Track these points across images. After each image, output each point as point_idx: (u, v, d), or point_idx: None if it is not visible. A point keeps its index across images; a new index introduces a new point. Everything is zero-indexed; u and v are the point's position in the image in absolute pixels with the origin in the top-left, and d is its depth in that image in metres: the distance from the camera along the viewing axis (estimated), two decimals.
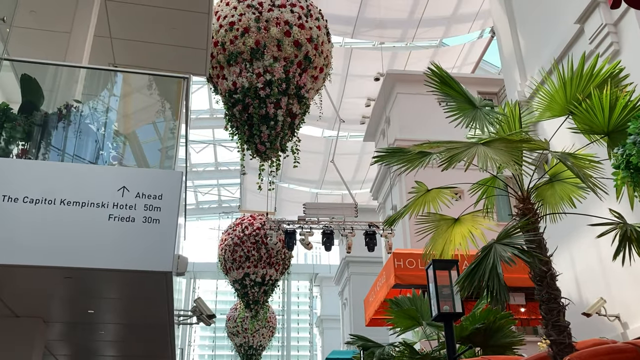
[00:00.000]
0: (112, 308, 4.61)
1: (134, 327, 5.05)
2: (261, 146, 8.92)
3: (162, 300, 4.22)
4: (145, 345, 5.58)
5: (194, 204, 33.44)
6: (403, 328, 7.29)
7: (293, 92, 9.00)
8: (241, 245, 16.88)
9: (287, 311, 35.04)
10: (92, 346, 5.83)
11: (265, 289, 17.27)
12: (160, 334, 5.15)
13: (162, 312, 4.45)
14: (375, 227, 13.53)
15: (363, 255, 24.27)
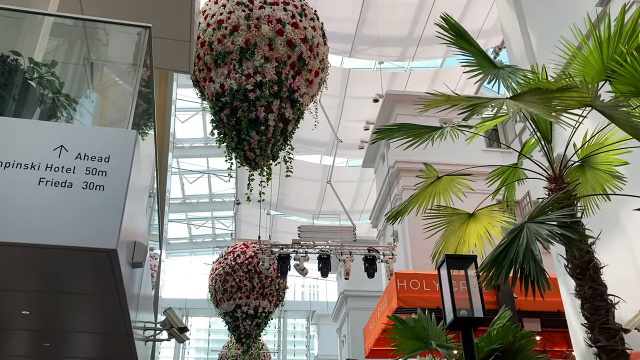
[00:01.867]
0: (39, 305, 3.63)
1: (74, 339, 4.16)
2: (250, 153, 8.16)
3: (111, 297, 3.37)
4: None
5: (187, 237, 32.48)
6: (408, 351, 6.35)
7: (286, 96, 8.30)
8: (232, 275, 15.92)
9: (282, 351, 33.57)
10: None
11: (258, 322, 16.21)
12: (115, 350, 4.28)
13: (113, 314, 3.60)
14: (375, 251, 12.65)
15: (362, 289, 23.34)
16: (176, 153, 24.74)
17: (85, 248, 2.84)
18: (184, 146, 24.51)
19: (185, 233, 32.22)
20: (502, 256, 3.18)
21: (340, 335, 25.09)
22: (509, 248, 3.16)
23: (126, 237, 3.19)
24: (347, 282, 23.97)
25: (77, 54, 4.03)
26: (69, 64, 3.84)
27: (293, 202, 23.59)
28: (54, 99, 3.42)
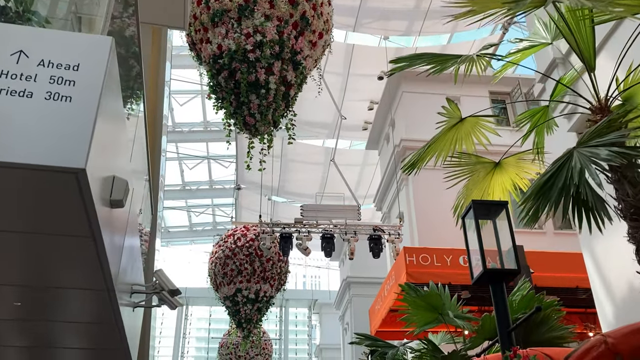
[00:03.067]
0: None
1: (47, 296, 3.65)
2: (250, 118, 7.64)
3: (86, 241, 2.87)
4: (73, 329, 4.18)
5: (187, 225, 32.02)
6: (422, 323, 5.85)
7: (287, 57, 7.78)
8: (233, 258, 15.43)
9: (284, 340, 33.18)
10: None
11: (259, 307, 15.73)
12: (95, 310, 3.79)
13: (90, 263, 3.09)
14: (381, 231, 12.15)
15: (365, 275, 22.88)
16: (175, 137, 24.24)
17: (45, 167, 2.34)
18: (182, 130, 24.00)
19: (185, 221, 31.76)
20: (548, 185, 2.68)
21: (342, 323, 24.64)
22: (557, 176, 2.66)
23: (100, 165, 2.68)
24: (350, 269, 23.49)
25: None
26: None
27: (295, 188, 23.08)
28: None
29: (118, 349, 4.61)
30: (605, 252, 5.97)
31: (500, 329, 3.24)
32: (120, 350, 4.66)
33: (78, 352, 4.76)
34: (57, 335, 4.31)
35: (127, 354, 4.76)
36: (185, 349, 32.82)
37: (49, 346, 4.56)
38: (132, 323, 4.81)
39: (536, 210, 2.77)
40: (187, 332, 33.17)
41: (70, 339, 4.43)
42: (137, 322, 5.09)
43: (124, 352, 4.73)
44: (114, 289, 3.48)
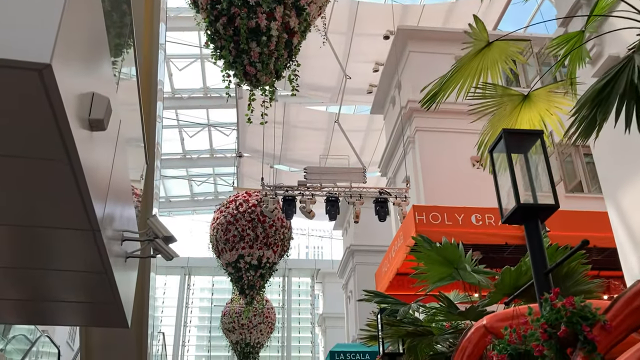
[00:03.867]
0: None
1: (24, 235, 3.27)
2: (250, 67, 7.18)
3: (61, 166, 2.47)
4: (59, 278, 3.81)
5: (189, 195, 31.73)
6: (435, 279, 5.50)
7: (290, 2, 7.29)
8: (235, 224, 15.13)
9: (287, 309, 33.18)
10: None
11: (262, 273, 15.47)
12: (81, 256, 3.41)
13: (69, 195, 2.69)
14: (387, 194, 11.77)
15: (369, 244, 22.62)
16: (174, 104, 23.75)
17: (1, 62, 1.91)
18: (182, 97, 23.51)
19: (186, 191, 31.46)
20: (607, 91, 2.28)
21: (346, 292, 24.49)
22: (616, 81, 2.25)
23: (73, 71, 2.26)
24: (354, 237, 23.22)
25: None
26: None
27: (297, 155, 22.65)
28: None
29: (110, 303, 4.25)
30: (632, 205, 5.57)
31: (536, 271, 2.86)
32: (113, 305, 4.31)
33: (67, 305, 4.41)
34: (43, 285, 3.95)
35: (119, 309, 4.41)
36: (188, 319, 32.86)
37: (35, 299, 4.21)
38: (126, 276, 4.45)
39: (593, 120, 2.36)
40: (190, 301, 33.17)
41: (57, 290, 4.07)
42: (131, 276, 4.73)
43: (117, 307, 4.38)
44: (99, 230, 3.09)
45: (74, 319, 4.84)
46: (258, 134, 18.01)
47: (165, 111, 23.87)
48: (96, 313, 4.58)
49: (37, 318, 4.88)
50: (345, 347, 16.92)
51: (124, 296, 4.40)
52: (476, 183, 12.37)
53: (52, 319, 4.93)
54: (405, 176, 13.35)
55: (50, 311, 4.60)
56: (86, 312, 4.59)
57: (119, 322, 4.66)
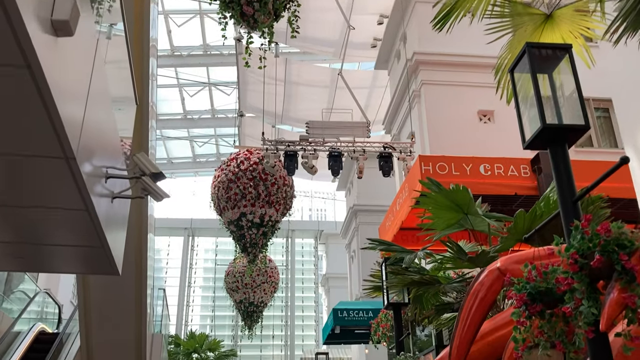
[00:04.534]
0: None
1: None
2: (248, 7, 6.73)
3: (23, 79, 2.16)
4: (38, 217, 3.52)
5: (191, 157, 31.43)
6: (443, 225, 5.21)
7: None
8: (236, 182, 14.84)
9: (291, 270, 33.29)
10: None
11: (264, 231, 15.26)
12: (57, 190, 3.12)
13: (37, 115, 2.38)
14: (391, 148, 11.43)
15: (372, 203, 22.40)
16: (174, 62, 23.21)
17: None
18: (182, 54, 22.94)
19: (188, 152, 31.15)
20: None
21: (349, 251, 24.42)
22: None
23: None
24: (357, 197, 22.99)
25: None
26: None
27: (300, 114, 22.18)
28: None
29: (97, 247, 3.99)
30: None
31: (563, 200, 2.54)
32: (100, 250, 4.05)
33: (53, 250, 4.15)
34: (24, 224, 3.67)
35: (108, 254, 4.15)
36: (192, 279, 33.02)
37: (18, 241, 3.93)
38: (114, 220, 4.17)
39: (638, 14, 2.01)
40: (194, 262, 33.28)
41: (40, 231, 3.80)
42: (119, 220, 4.44)
43: (104, 252, 4.12)
44: (73, 157, 2.79)
45: (62, 264, 4.59)
46: (260, 93, 17.55)
47: (164, 69, 23.35)
48: (84, 258, 4.32)
49: (24, 264, 4.63)
50: (348, 304, 16.86)
51: (113, 241, 4.13)
52: (483, 137, 12.00)
53: (40, 265, 4.69)
54: (410, 132, 12.96)
55: (36, 256, 4.34)
56: (73, 257, 4.33)
57: (108, 268, 4.41)
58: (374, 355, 18.00)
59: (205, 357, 23.02)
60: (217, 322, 32.05)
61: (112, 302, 8.88)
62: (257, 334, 23.05)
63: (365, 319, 15.47)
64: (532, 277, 2.79)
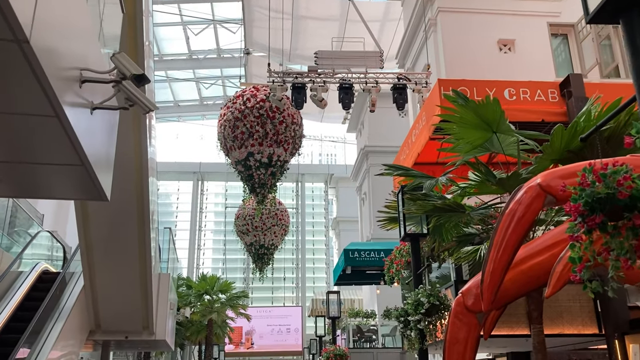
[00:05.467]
0: None
1: None
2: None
3: None
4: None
5: (198, 99, 30.77)
6: (468, 148, 4.67)
7: None
8: (243, 120, 14.23)
9: (301, 214, 33.14)
10: None
11: (273, 171, 14.78)
12: (18, 91, 2.61)
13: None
14: (406, 79, 10.75)
15: (384, 144, 21.80)
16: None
17: None
18: None
19: (195, 94, 30.48)
20: None
21: (360, 194, 24.04)
22: None
23: None
24: (368, 138, 22.39)
25: None
26: None
27: (308, 52, 21.29)
28: None
29: (76, 166, 3.50)
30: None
31: (637, 78, 1.98)
32: (81, 169, 3.56)
33: (28, 169, 3.68)
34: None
35: (93, 177, 3.67)
36: (203, 223, 33.02)
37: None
38: (96, 136, 3.67)
39: None
40: (204, 207, 33.19)
41: (11, 147, 3.32)
42: (104, 140, 3.94)
43: (87, 174, 3.64)
44: (26, 40, 2.25)
45: (43, 187, 4.13)
46: (267, 30, 16.66)
47: (166, 5, 22.41)
48: (67, 180, 3.85)
49: (3, 188, 4.18)
50: (359, 245, 16.60)
51: (97, 160, 3.64)
52: (503, 69, 11.25)
53: (20, 188, 4.23)
54: (426, 63, 12.22)
55: (15, 177, 3.88)
56: (55, 178, 3.86)
57: (94, 192, 3.94)
58: (386, 296, 17.89)
59: (216, 299, 23.13)
60: (229, 265, 32.24)
61: (114, 242, 8.57)
62: (268, 277, 23.02)
63: (377, 259, 15.21)
64: (588, 183, 2.28)
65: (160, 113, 31.18)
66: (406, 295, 5.18)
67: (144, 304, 9.32)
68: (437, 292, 4.81)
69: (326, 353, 11.86)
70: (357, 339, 15.80)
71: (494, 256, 3.08)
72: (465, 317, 3.51)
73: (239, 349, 28.16)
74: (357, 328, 16.11)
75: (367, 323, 16.74)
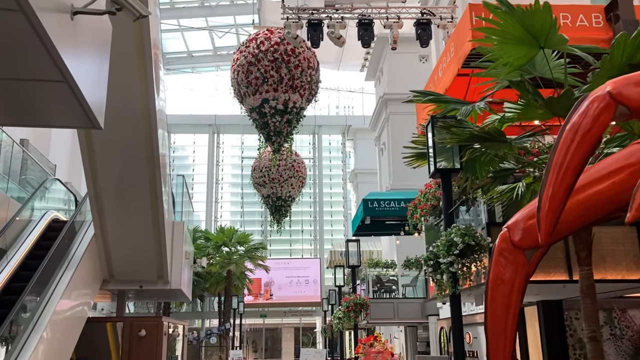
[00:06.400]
0: None
1: None
2: None
3: None
4: None
5: (211, 50, 30.00)
6: (509, 69, 4.07)
7: None
8: (256, 65, 13.59)
9: (318, 166, 32.67)
10: None
11: (289, 118, 14.22)
12: None
13: None
14: (430, 14, 9.99)
15: (404, 92, 20.95)
16: None
17: None
18: None
19: (208, 44, 29.69)
20: None
21: (379, 144, 23.43)
22: None
23: None
24: (387, 85, 21.60)
25: None
26: None
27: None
28: None
29: (57, 82, 3.02)
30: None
31: None
32: (63, 87, 3.08)
33: (8, 86, 3.21)
34: None
35: (79, 97, 3.19)
36: (220, 177, 32.79)
37: None
38: (80, 47, 3.16)
39: None
40: (221, 160, 32.87)
41: None
42: (93, 53, 3.43)
43: (72, 93, 3.16)
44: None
45: (25, 112, 3.67)
46: None
47: None
48: (50, 101, 3.38)
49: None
50: (379, 194, 16.15)
51: (84, 77, 3.15)
52: None
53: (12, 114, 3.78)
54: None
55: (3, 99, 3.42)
56: (41, 99, 3.39)
57: (83, 118, 3.47)
58: (405, 247, 17.53)
59: (235, 251, 23.08)
60: (247, 218, 32.15)
61: (124, 189, 8.21)
62: (286, 229, 22.82)
63: (397, 209, 14.76)
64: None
65: (173, 64, 30.53)
66: (437, 238, 4.70)
67: (158, 252, 9.03)
68: (472, 231, 4.34)
69: (346, 302, 11.60)
70: (376, 290, 15.55)
71: (554, 178, 2.56)
72: (511, 255, 3.02)
73: (258, 300, 28.34)
74: (377, 278, 15.84)
75: (387, 273, 16.45)
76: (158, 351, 8.95)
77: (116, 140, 7.71)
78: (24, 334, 6.25)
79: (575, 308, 8.03)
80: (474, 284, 5.84)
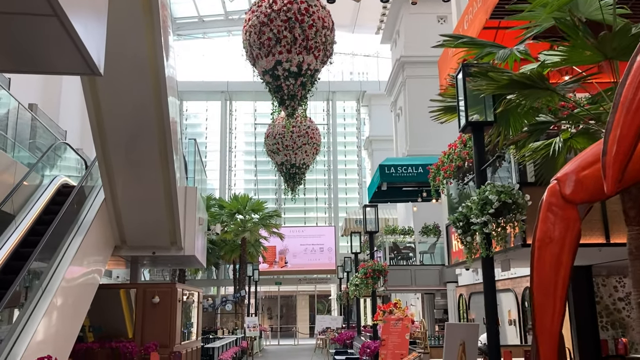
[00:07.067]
0: None
1: None
2: None
3: None
4: None
5: (223, 14, 29.36)
6: (549, 9, 3.64)
7: None
8: (269, 25, 13.05)
9: (332, 134, 32.21)
10: None
11: (303, 81, 13.75)
12: None
13: None
14: None
15: (421, 54, 20.36)
16: None
17: None
18: None
19: (219, 9, 29.03)
20: None
21: (395, 109, 22.89)
22: None
23: None
24: (404, 48, 20.93)
25: None
26: None
27: None
28: None
29: (47, 17, 2.68)
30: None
31: None
32: (55, 24, 2.74)
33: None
34: None
35: (73, 36, 2.85)
36: (233, 144, 32.51)
37: None
38: None
39: None
40: (234, 127, 32.52)
41: None
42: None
43: (65, 32, 2.82)
44: None
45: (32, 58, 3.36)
46: None
47: None
48: (46, 41, 3.05)
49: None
50: (395, 160, 15.75)
51: (74, 12, 2.79)
52: None
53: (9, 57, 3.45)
54: None
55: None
56: (35, 39, 3.06)
57: (79, 62, 3.13)
58: (422, 213, 17.21)
59: (249, 218, 22.93)
60: (260, 185, 31.95)
61: (133, 152, 7.94)
62: (300, 197, 22.55)
63: (414, 174, 14.37)
64: None
65: (184, 30, 29.96)
66: (461, 203, 4.34)
67: (170, 218, 8.80)
68: (509, 188, 3.97)
69: (363, 268, 11.35)
70: (393, 257, 15.31)
71: (622, 119, 2.18)
72: (562, 210, 2.67)
73: (273, 268, 28.34)
74: (394, 245, 15.58)
75: (404, 240, 16.17)
76: (172, 318, 8.80)
77: (124, 102, 7.42)
78: (34, 300, 6.07)
79: (602, 274, 7.67)
80: (500, 248, 5.49)
